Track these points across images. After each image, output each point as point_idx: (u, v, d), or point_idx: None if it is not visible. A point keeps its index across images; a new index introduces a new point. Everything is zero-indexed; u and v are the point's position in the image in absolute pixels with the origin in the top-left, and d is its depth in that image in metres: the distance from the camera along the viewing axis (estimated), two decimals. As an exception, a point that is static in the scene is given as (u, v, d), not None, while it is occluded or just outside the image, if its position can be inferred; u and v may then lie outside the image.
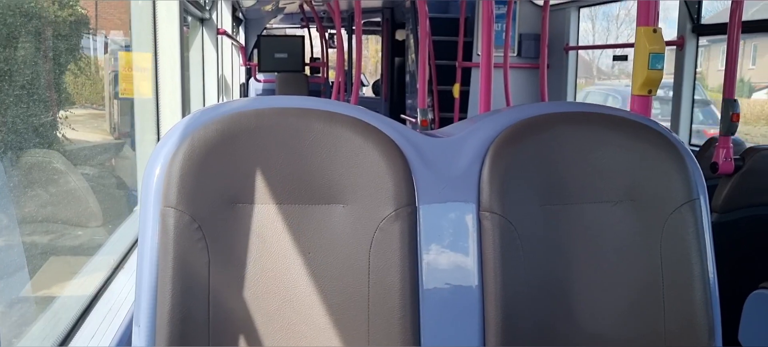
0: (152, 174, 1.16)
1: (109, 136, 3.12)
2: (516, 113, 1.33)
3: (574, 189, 1.28)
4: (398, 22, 7.78)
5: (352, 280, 1.19)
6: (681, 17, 3.90)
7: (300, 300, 1.19)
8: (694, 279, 1.27)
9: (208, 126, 1.17)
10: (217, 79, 5.48)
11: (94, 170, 2.80)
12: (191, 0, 3.98)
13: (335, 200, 1.20)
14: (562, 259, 1.26)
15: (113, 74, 2.93)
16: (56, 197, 2.18)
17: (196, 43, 4.97)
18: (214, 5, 5.11)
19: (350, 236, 1.19)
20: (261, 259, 1.18)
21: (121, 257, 2.13)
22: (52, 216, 2.15)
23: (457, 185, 1.25)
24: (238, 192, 1.18)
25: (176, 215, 1.14)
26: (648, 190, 1.29)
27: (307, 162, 1.20)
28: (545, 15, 5.09)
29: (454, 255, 1.24)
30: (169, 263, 1.14)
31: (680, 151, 1.31)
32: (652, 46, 1.72)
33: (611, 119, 1.33)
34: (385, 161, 1.20)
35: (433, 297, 1.22)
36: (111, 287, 1.91)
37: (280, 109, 1.22)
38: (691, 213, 1.28)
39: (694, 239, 1.27)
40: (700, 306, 1.26)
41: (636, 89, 1.75)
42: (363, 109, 1.27)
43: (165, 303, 1.13)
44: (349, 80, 7.97)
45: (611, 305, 1.27)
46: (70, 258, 2.18)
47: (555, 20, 5.36)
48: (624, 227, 1.28)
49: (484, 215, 1.24)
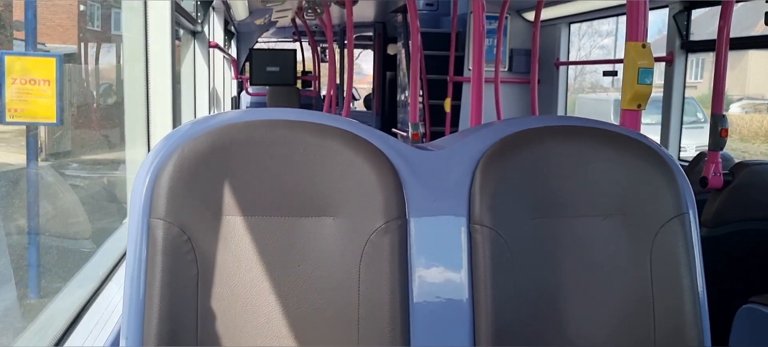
0: (141, 186, 1.15)
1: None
2: (506, 127, 1.34)
3: (565, 203, 1.28)
4: (390, 37, 7.81)
5: (342, 293, 1.18)
6: (670, 33, 3.93)
7: (289, 313, 1.18)
8: (684, 293, 1.27)
9: (198, 138, 1.17)
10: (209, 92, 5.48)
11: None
12: (183, 13, 3.98)
13: (325, 213, 1.20)
14: (553, 272, 1.27)
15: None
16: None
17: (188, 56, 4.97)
18: (206, 18, 5.11)
19: (340, 249, 1.19)
20: (250, 272, 1.18)
21: (109, 269, 2.12)
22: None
23: (448, 198, 1.25)
24: (228, 204, 1.17)
25: (165, 227, 1.13)
26: (638, 204, 1.29)
27: (297, 174, 1.19)
28: (536, 31, 5.12)
29: (444, 268, 1.23)
30: (157, 275, 1.13)
31: (670, 165, 1.32)
32: (641, 62, 1.73)
33: (601, 133, 1.34)
34: (376, 174, 1.20)
35: (423, 310, 1.21)
36: (98, 300, 1.90)
37: (270, 121, 1.22)
38: (681, 228, 1.28)
39: (683, 254, 1.28)
40: (689, 320, 1.26)
41: (625, 104, 1.77)
42: (354, 122, 1.27)
43: (153, 316, 1.12)
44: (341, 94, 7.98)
45: (601, 319, 1.27)
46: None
47: (545, 36, 5.39)
48: (614, 241, 1.29)
49: (475, 229, 1.24)
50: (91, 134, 3.18)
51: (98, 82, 3.54)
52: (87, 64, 3.20)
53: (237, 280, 1.17)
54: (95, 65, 3.42)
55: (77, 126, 2.76)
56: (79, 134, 2.76)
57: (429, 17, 6.48)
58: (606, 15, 4.92)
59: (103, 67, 3.51)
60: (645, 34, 1.76)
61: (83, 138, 3.01)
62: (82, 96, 3.03)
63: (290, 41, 10.04)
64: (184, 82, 4.86)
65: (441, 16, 6.55)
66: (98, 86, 3.55)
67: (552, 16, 5.28)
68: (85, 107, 3.10)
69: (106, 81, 3.67)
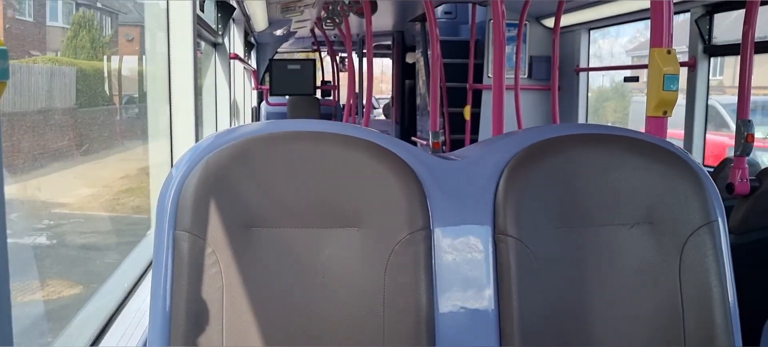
0: (166, 198, 1.16)
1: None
2: (530, 135, 1.33)
3: (591, 211, 1.27)
4: (409, 45, 7.82)
5: (367, 304, 1.18)
6: (692, 38, 3.89)
7: (314, 325, 1.18)
8: (714, 303, 1.25)
9: (222, 151, 1.18)
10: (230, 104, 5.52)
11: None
12: (204, 25, 4.02)
13: (350, 224, 1.20)
14: (580, 282, 1.25)
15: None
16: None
17: (209, 68, 5.01)
18: (226, 30, 5.16)
19: (365, 260, 1.19)
20: (275, 283, 1.18)
21: (135, 281, 2.14)
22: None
23: (472, 208, 1.25)
24: (252, 216, 1.18)
25: (190, 239, 1.14)
26: (665, 212, 1.27)
27: (321, 186, 1.20)
28: (556, 37, 5.09)
29: (469, 279, 1.23)
30: (183, 287, 1.13)
31: (697, 172, 1.30)
32: (667, 68, 1.71)
33: (626, 141, 1.32)
34: (400, 185, 1.20)
35: (448, 320, 1.21)
36: (124, 311, 1.91)
37: (293, 133, 1.22)
38: (710, 236, 1.27)
39: (713, 262, 1.26)
40: (720, 330, 1.24)
41: (650, 111, 1.75)
42: (376, 132, 1.27)
43: (179, 328, 1.13)
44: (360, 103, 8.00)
45: (630, 329, 1.25)
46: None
47: (565, 42, 5.36)
48: (641, 250, 1.27)
49: (500, 238, 1.23)
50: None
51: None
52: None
53: (262, 292, 1.17)
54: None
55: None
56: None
57: (448, 25, 6.49)
58: (627, 20, 4.87)
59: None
60: (670, 40, 1.74)
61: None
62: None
63: (310, 51, 10.09)
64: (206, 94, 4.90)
65: (460, 24, 6.55)
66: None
67: (572, 23, 5.25)
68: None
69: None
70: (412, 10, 6.22)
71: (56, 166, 2.33)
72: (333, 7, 5.83)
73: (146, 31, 2.77)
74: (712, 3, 3.75)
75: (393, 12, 6.52)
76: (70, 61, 2.57)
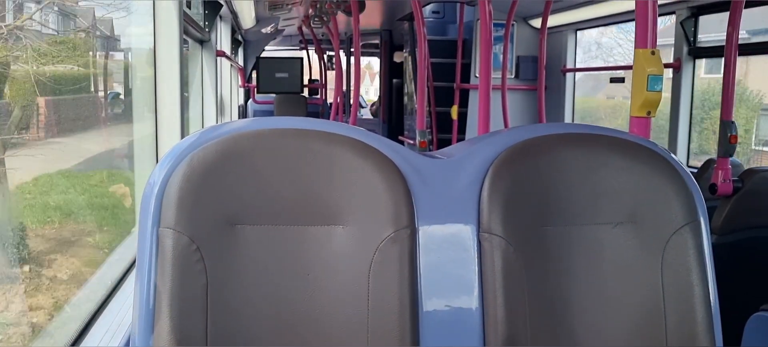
0: (151, 195, 1.16)
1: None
2: (515, 135, 1.33)
3: (575, 211, 1.28)
4: (396, 44, 7.84)
5: (352, 302, 1.18)
6: (677, 39, 3.92)
7: (298, 322, 1.18)
8: (696, 301, 1.26)
9: (207, 147, 1.17)
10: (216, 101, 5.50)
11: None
12: (191, 22, 4.00)
13: (334, 222, 1.20)
14: (563, 281, 1.26)
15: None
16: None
17: (196, 65, 4.99)
18: (213, 27, 5.14)
19: (349, 258, 1.19)
20: (259, 281, 1.17)
21: (118, 278, 2.12)
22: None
23: (457, 207, 1.25)
24: (237, 213, 1.17)
25: (174, 236, 1.13)
26: (648, 211, 1.28)
27: (306, 183, 1.19)
28: (542, 37, 5.12)
29: (454, 277, 1.23)
30: (166, 285, 1.13)
31: (680, 172, 1.31)
32: (651, 68, 1.73)
33: (611, 141, 1.33)
34: (385, 182, 1.20)
35: (433, 319, 1.21)
36: (108, 308, 1.90)
37: (279, 130, 1.22)
38: (692, 235, 1.28)
39: (695, 261, 1.27)
40: (702, 328, 1.25)
41: (634, 111, 1.76)
42: (362, 130, 1.27)
43: (162, 325, 1.12)
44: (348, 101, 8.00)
45: (613, 327, 1.26)
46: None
47: (552, 43, 5.39)
48: (624, 249, 1.28)
49: (484, 237, 1.23)
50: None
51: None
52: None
53: (246, 289, 1.17)
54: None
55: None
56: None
57: (435, 25, 6.50)
58: (613, 21, 4.91)
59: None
60: (654, 41, 1.76)
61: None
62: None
63: (297, 49, 10.08)
64: (192, 91, 4.88)
65: (447, 24, 6.56)
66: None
67: (558, 23, 5.28)
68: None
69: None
70: (400, 9, 6.23)
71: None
72: (321, 5, 5.83)
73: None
74: (697, 5, 3.79)
75: (381, 11, 6.52)
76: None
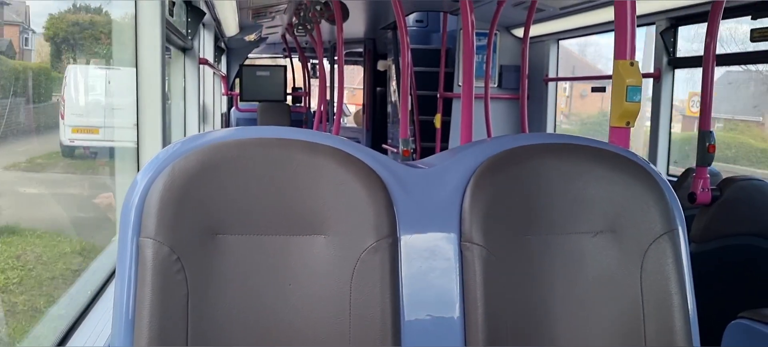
0: (131, 204, 1.15)
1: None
2: (497, 144, 1.34)
3: (555, 220, 1.29)
4: (380, 53, 7.85)
5: (334, 311, 1.18)
6: (657, 50, 3.97)
7: (280, 332, 1.17)
8: (674, 309, 1.27)
9: (188, 156, 1.17)
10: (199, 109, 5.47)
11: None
12: (173, 29, 3.98)
13: (316, 231, 1.20)
14: (544, 289, 1.27)
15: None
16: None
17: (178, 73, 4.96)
18: (196, 34, 5.11)
19: (331, 267, 1.19)
20: (241, 291, 1.17)
21: (97, 288, 2.10)
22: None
23: (439, 216, 1.26)
24: (218, 223, 1.17)
25: (155, 246, 1.13)
26: (627, 221, 1.30)
27: (288, 193, 1.19)
28: (525, 47, 5.16)
29: (435, 286, 1.23)
30: (146, 295, 1.12)
31: (658, 182, 1.32)
32: (630, 79, 1.75)
33: (591, 151, 1.35)
34: (367, 192, 1.20)
35: (414, 328, 1.21)
36: (87, 319, 1.88)
37: (261, 139, 1.22)
38: (670, 244, 1.29)
39: (673, 270, 1.28)
40: (680, 336, 1.27)
41: (614, 121, 1.78)
42: (344, 139, 1.27)
43: (142, 336, 1.11)
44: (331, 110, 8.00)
45: (593, 335, 1.27)
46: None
47: (535, 52, 5.43)
48: (604, 258, 1.29)
49: (466, 246, 1.24)
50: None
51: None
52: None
53: (227, 299, 1.16)
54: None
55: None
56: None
57: (419, 34, 6.52)
58: (594, 32, 4.96)
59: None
60: (633, 52, 1.78)
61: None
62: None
63: (281, 57, 10.06)
64: (174, 99, 4.84)
65: (431, 33, 6.59)
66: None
67: (541, 33, 5.32)
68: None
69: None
70: (384, 18, 6.25)
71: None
72: (304, 13, 5.83)
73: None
74: (676, 16, 3.84)
75: (364, 19, 6.54)
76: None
